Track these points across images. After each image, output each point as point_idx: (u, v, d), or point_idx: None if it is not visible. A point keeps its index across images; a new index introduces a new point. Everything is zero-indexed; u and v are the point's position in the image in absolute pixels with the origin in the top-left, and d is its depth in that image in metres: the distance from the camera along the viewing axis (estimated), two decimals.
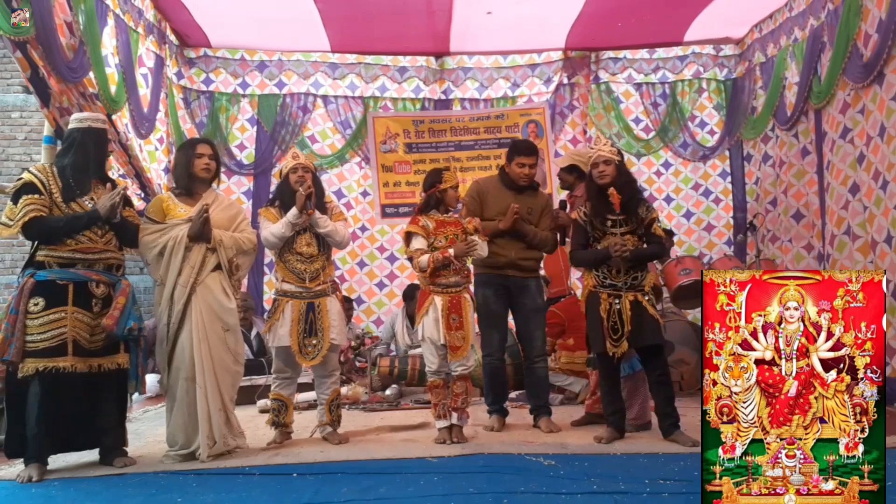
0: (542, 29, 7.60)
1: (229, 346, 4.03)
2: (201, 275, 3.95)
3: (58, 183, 3.71)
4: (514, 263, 4.68)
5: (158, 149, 6.89)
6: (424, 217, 4.38)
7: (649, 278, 4.25)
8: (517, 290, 4.75)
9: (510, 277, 4.72)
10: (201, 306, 3.92)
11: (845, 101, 5.89)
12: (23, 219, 3.58)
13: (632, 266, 4.19)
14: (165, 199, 4.11)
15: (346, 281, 7.99)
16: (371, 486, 3.26)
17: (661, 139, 8.18)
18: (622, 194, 4.18)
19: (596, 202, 4.28)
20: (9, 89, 9.54)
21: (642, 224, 4.23)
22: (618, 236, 4.18)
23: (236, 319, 4.09)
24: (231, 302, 4.04)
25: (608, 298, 4.18)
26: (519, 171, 4.75)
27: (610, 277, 4.20)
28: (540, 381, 4.83)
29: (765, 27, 7.44)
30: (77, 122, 3.86)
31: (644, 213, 4.25)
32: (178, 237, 3.92)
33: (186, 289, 3.91)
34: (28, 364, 3.53)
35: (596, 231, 4.28)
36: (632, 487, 3.15)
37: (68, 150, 3.83)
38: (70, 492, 3.35)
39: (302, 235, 4.28)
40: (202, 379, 3.87)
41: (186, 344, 3.89)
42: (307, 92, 8.08)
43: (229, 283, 4.07)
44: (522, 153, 4.79)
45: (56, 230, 3.65)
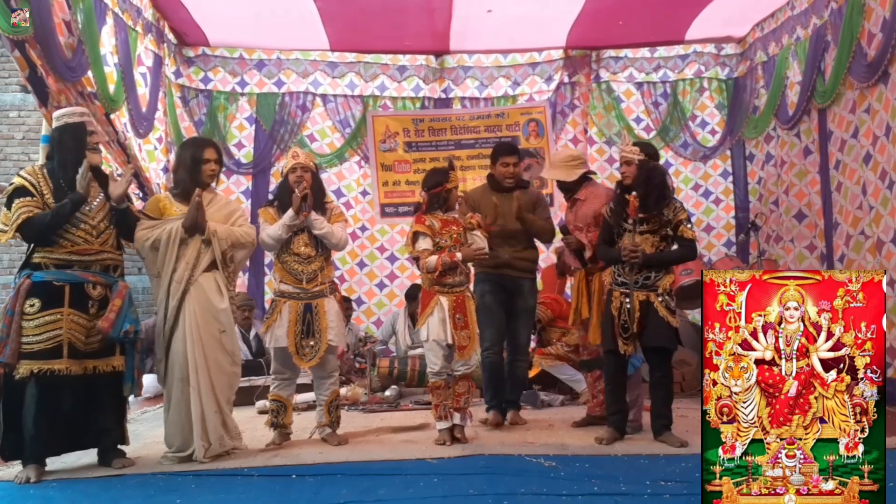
0: (542, 27, 7.57)
1: (226, 347, 4.00)
2: (196, 271, 3.93)
3: (49, 184, 3.70)
4: (509, 263, 4.82)
5: (157, 148, 6.88)
6: (429, 216, 4.37)
7: (666, 279, 4.17)
8: (512, 290, 4.89)
9: (506, 277, 4.85)
10: (195, 307, 3.89)
11: (851, 101, 5.87)
12: (16, 222, 3.58)
13: (647, 266, 4.15)
14: (163, 198, 4.11)
15: (346, 281, 7.97)
16: (370, 487, 3.26)
17: (662, 139, 8.14)
18: (647, 195, 4.13)
19: (617, 202, 4.27)
20: (7, 88, 9.54)
21: (669, 225, 4.19)
22: (635, 235, 4.15)
23: (230, 319, 4.05)
24: (223, 302, 3.99)
25: (620, 296, 4.18)
26: (504, 170, 4.90)
27: (623, 275, 4.20)
28: (518, 379, 5.04)
29: (766, 26, 7.41)
30: (55, 120, 3.85)
31: (671, 215, 4.18)
32: (172, 229, 3.91)
33: (181, 285, 3.89)
34: (23, 366, 3.51)
35: (618, 227, 4.27)
36: (632, 488, 3.15)
37: (53, 151, 3.82)
38: (68, 493, 3.35)
39: (299, 236, 4.26)
40: (196, 380, 3.85)
41: (180, 345, 3.87)
42: (306, 91, 8.05)
43: (224, 280, 4.04)
44: (504, 153, 4.97)
45: (46, 225, 3.62)
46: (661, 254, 4.18)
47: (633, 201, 4.12)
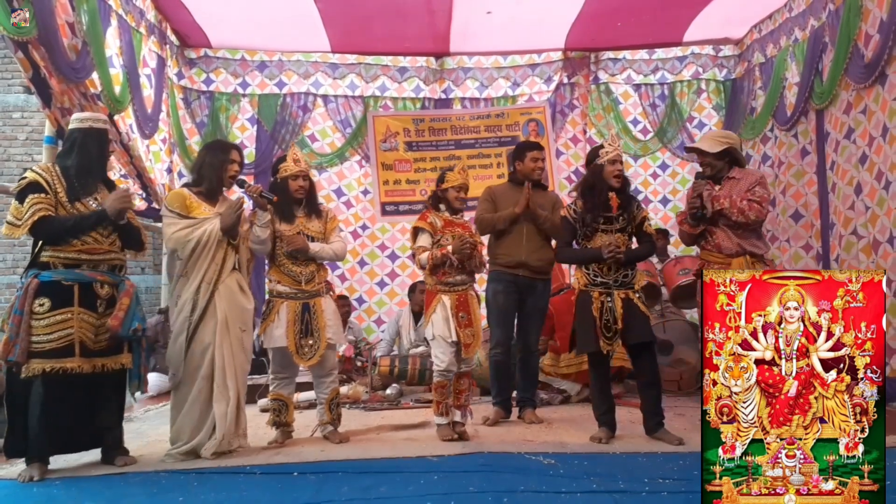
0: (541, 29, 7.59)
1: (244, 345, 4.07)
2: (223, 272, 3.98)
3: (62, 183, 3.68)
4: (525, 264, 4.82)
5: (162, 149, 6.90)
6: (434, 214, 4.40)
7: (640, 276, 4.29)
8: (525, 290, 4.89)
9: (520, 277, 4.85)
10: (225, 306, 3.94)
11: (848, 102, 5.90)
12: (31, 218, 3.54)
13: (623, 265, 4.21)
14: (186, 195, 4.08)
15: (347, 280, 8.00)
16: (371, 485, 3.27)
17: (660, 140, 8.18)
18: (623, 192, 4.21)
19: (595, 199, 4.26)
20: (10, 90, 9.56)
21: (634, 222, 4.28)
22: (610, 234, 4.19)
23: (251, 319, 4.14)
24: (250, 302, 4.10)
25: (600, 297, 4.20)
26: (533, 165, 4.92)
27: (601, 275, 4.21)
28: (530, 374, 5.04)
29: (764, 28, 7.44)
30: (78, 122, 3.83)
31: (636, 211, 4.29)
32: (211, 231, 3.94)
33: (210, 286, 3.93)
34: (34, 365, 3.50)
35: (586, 228, 4.28)
36: (631, 486, 3.16)
37: (70, 151, 3.80)
38: (71, 491, 3.35)
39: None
40: (222, 377, 3.89)
41: (208, 342, 3.90)
42: (307, 91, 8.08)
43: (245, 281, 4.11)
44: (534, 148, 5.00)
45: (64, 230, 3.62)
46: (633, 250, 4.28)
47: (615, 199, 4.19)
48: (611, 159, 4.26)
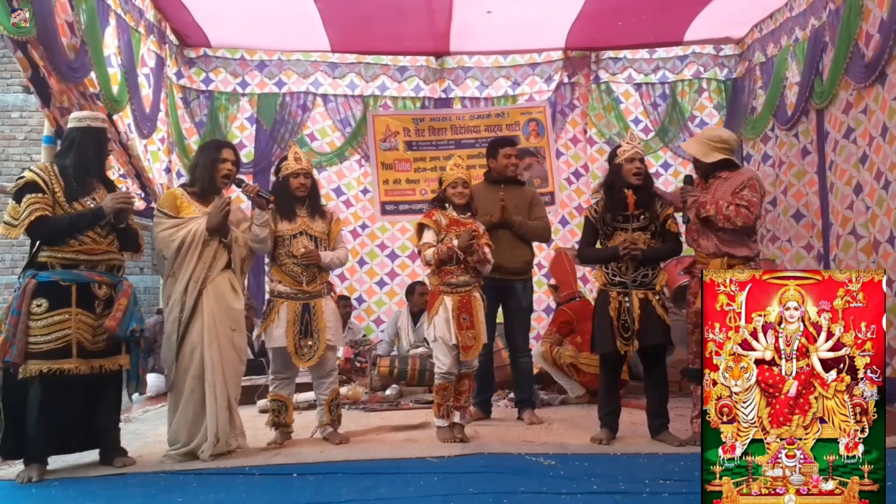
0: (542, 28, 7.59)
1: (236, 344, 4.04)
2: (212, 271, 3.96)
3: (60, 182, 3.67)
4: (500, 266, 4.64)
5: (160, 149, 6.89)
6: (439, 212, 4.39)
7: (661, 277, 4.20)
8: (503, 292, 4.86)
9: (496, 279, 4.74)
10: (212, 305, 3.92)
11: (848, 101, 5.89)
12: (28, 218, 3.53)
13: (642, 263, 4.15)
14: (178, 195, 4.08)
15: (347, 279, 7.99)
16: (371, 486, 3.26)
17: (661, 139, 8.17)
18: (643, 190, 4.16)
19: (614, 197, 4.23)
20: (9, 89, 9.56)
21: (657, 220, 4.20)
22: (629, 233, 4.15)
23: (242, 318, 4.11)
24: (239, 302, 4.06)
25: (617, 296, 4.16)
26: (506, 161, 4.91)
27: (619, 274, 4.17)
28: (524, 375, 5.02)
29: (765, 27, 7.43)
30: (76, 121, 3.83)
31: (659, 210, 4.21)
32: (196, 230, 3.92)
33: (198, 284, 3.91)
34: (31, 366, 3.48)
35: (607, 227, 4.26)
36: (632, 487, 3.15)
37: (69, 150, 3.79)
38: (70, 492, 3.34)
39: (299, 238, 4.26)
40: (211, 377, 3.87)
41: (196, 342, 3.89)
42: (307, 91, 8.07)
43: (239, 281, 4.09)
44: (506, 144, 4.99)
45: (60, 229, 3.61)
46: (654, 249, 4.19)
47: (631, 197, 4.14)
48: (629, 157, 4.21)
